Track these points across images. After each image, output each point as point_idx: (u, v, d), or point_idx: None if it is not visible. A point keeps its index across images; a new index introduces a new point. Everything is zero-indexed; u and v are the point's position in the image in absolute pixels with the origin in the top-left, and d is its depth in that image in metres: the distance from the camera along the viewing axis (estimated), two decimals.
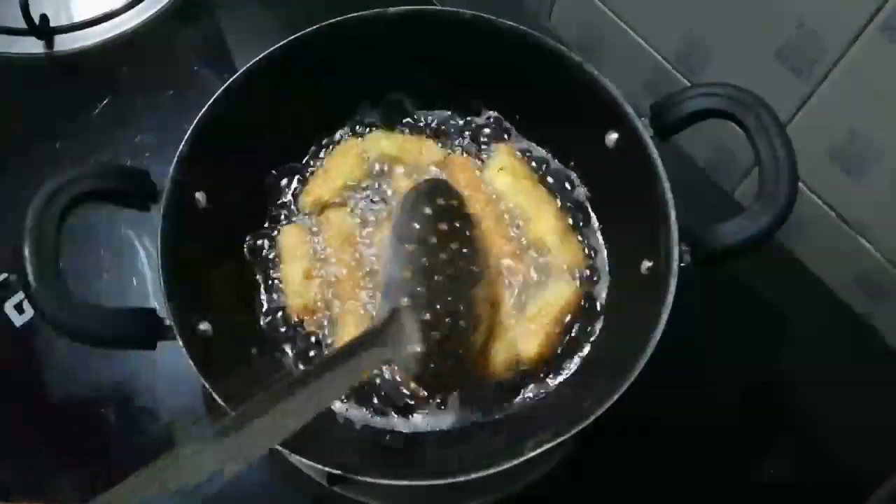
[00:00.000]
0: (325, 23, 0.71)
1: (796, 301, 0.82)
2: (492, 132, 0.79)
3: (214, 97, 0.67)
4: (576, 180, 0.77)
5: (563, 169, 0.77)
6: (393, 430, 0.67)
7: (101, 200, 0.63)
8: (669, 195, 0.62)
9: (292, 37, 0.70)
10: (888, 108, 0.69)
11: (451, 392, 0.66)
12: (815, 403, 0.77)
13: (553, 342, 0.69)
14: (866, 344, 0.80)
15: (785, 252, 0.84)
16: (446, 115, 0.80)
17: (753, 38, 0.75)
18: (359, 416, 0.68)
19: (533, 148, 0.79)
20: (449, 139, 0.79)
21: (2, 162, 0.88)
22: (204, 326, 0.63)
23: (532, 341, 0.68)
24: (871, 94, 0.69)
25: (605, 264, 0.73)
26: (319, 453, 0.56)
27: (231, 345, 0.67)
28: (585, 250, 0.73)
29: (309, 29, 0.71)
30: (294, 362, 0.70)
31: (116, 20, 0.97)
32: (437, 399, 0.66)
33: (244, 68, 0.69)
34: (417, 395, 0.66)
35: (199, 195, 0.67)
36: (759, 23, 0.74)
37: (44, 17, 0.93)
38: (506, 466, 0.54)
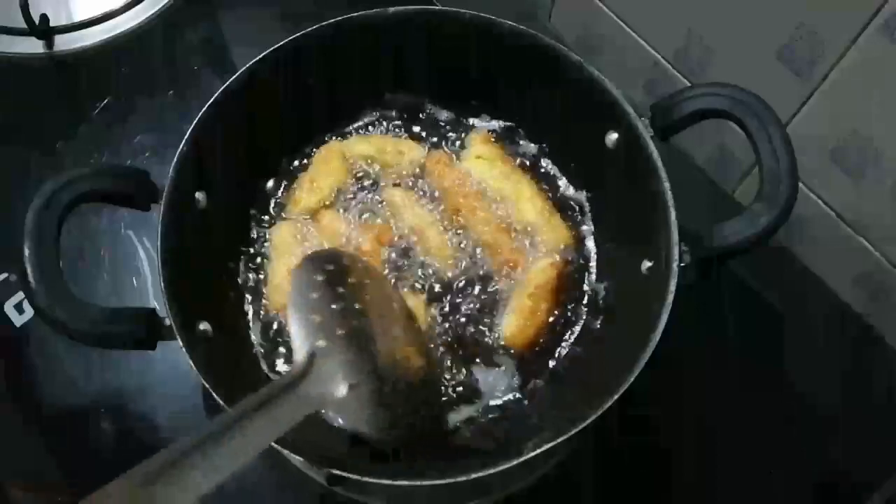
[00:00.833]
0: (325, 23, 0.71)
1: (796, 301, 0.82)
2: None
3: (214, 97, 0.67)
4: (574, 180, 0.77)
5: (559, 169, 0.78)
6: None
7: (101, 200, 0.63)
8: (669, 195, 0.62)
9: (292, 37, 0.71)
10: (888, 109, 0.69)
11: (412, 449, 0.59)
12: (815, 403, 0.77)
13: (537, 321, 0.70)
14: (866, 344, 0.80)
15: (785, 252, 0.84)
16: (445, 116, 0.81)
17: (753, 38, 0.75)
18: None
19: (531, 147, 0.79)
20: (431, 136, 0.80)
21: (2, 162, 0.88)
22: (204, 326, 0.63)
23: (513, 320, 0.69)
24: (871, 94, 0.69)
25: (595, 258, 0.74)
26: (319, 453, 0.56)
27: (231, 345, 0.67)
28: (572, 231, 0.75)
29: (309, 29, 0.71)
30: (288, 360, 0.70)
31: (116, 20, 0.96)
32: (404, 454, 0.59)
33: (244, 68, 0.69)
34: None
35: (199, 195, 0.67)
36: (759, 23, 0.74)
37: (44, 17, 0.93)
38: (506, 466, 0.54)
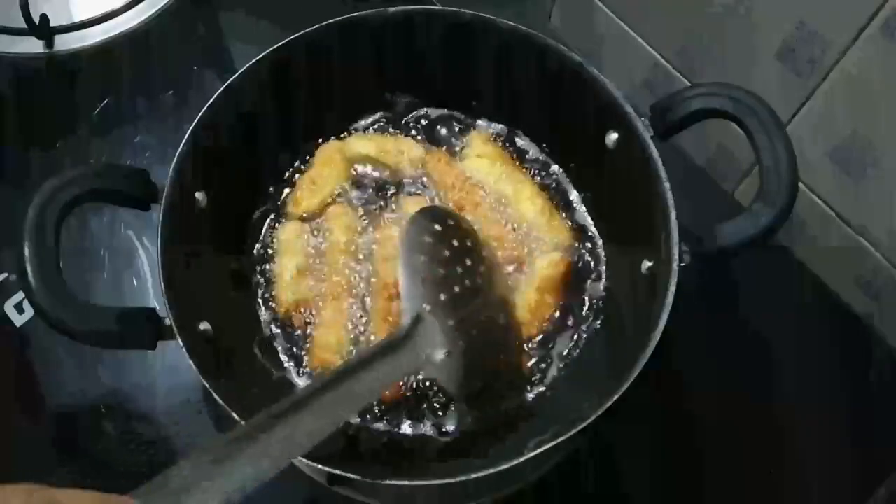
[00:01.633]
0: (325, 23, 0.71)
1: (796, 301, 0.82)
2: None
3: (214, 97, 0.67)
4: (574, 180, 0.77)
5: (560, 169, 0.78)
6: (393, 431, 0.67)
7: (101, 200, 0.63)
8: (669, 195, 0.62)
9: (292, 37, 0.70)
10: (888, 108, 0.69)
11: (484, 403, 0.65)
12: (815, 403, 0.77)
13: (541, 315, 0.70)
14: (866, 344, 0.80)
15: (785, 252, 0.84)
16: (446, 116, 0.81)
17: (753, 38, 0.75)
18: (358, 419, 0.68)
19: (531, 147, 0.79)
20: (432, 136, 0.80)
21: (2, 162, 0.88)
22: (204, 326, 0.63)
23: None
24: (871, 94, 0.69)
25: (595, 258, 0.74)
26: (319, 453, 0.56)
27: (231, 345, 0.67)
28: (573, 231, 0.75)
29: (309, 29, 0.71)
30: (288, 360, 0.70)
31: (116, 20, 0.96)
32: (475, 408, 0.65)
33: (244, 68, 0.69)
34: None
35: (199, 195, 0.67)
36: (759, 23, 0.74)
37: (44, 17, 0.93)
38: (506, 466, 0.54)
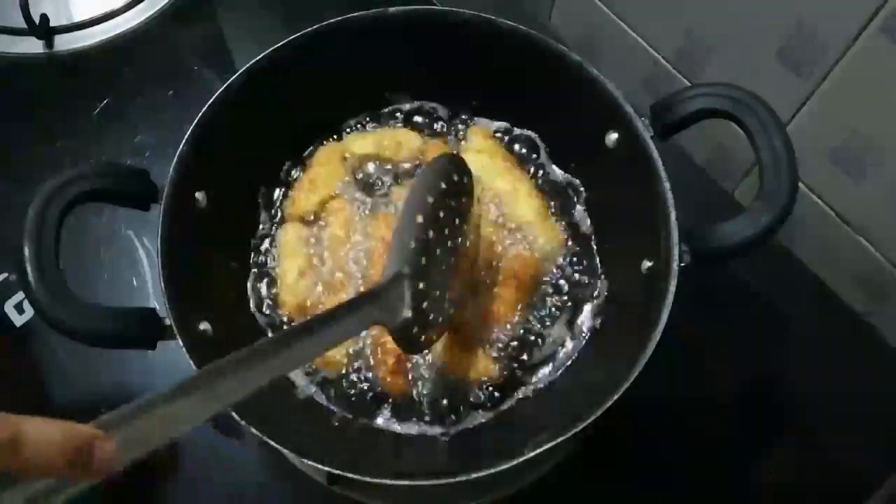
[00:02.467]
0: (325, 23, 0.71)
1: (796, 301, 0.82)
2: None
3: (214, 97, 0.67)
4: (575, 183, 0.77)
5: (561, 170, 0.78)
6: (393, 431, 0.67)
7: (101, 200, 0.63)
8: (669, 195, 0.62)
9: (292, 37, 0.71)
10: (888, 108, 0.69)
11: (420, 352, 0.67)
12: (815, 403, 0.77)
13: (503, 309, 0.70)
14: (866, 344, 0.80)
15: (785, 252, 0.84)
16: (445, 115, 0.81)
17: (753, 38, 0.75)
18: (358, 418, 0.68)
19: (531, 146, 0.79)
20: (431, 134, 0.80)
21: (2, 162, 0.88)
22: (204, 326, 0.63)
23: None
24: (871, 94, 0.69)
25: (595, 258, 0.74)
26: (319, 453, 0.56)
27: (231, 345, 0.66)
28: (567, 236, 0.75)
29: (309, 29, 0.71)
30: None
31: (116, 20, 0.97)
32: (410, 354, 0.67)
33: (244, 68, 0.69)
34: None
35: (199, 195, 0.67)
36: (759, 23, 0.74)
37: (44, 17, 0.93)
38: (506, 466, 0.54)
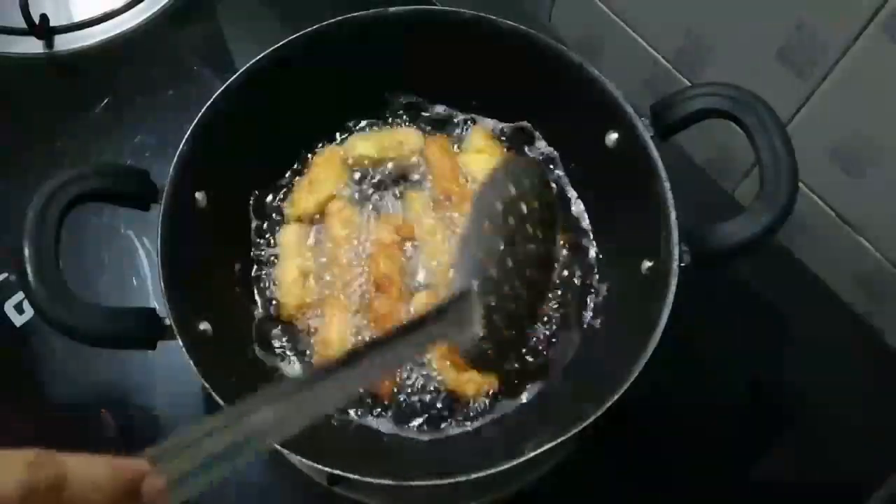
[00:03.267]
0: (325, 23, 0.71)
1: (796, 301, 0.82)
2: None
3: (214, 97, 0.67)
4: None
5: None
6: (393, 432, 0.67)
7: (101, 200, 0.63)
8: (669, 195, 0.62)
9: (292, 37, 0.71)
10: (888, 108, 0.69)
11: (491, 368, 0.66)
12: (815, 403, 0.77)
13: None
14: (866, 344, 0.80)
15: (785, 252, 0.84)
16: (445, 116, 0.81)
17: (753, 38, 0.75)
18: (358, 418, 0.68)
19: (531, 146, 0.79)
20: (432, 134, 0.80)
21: (2, 162, 0.88)
22: (204, 326, 0.63)
23: None
24: (871, 94, 0.69)
25: (595, 258, 0.74)
26: (319, 453, 0.56)
27: (231, 345, 0.67)
28: (567, 238, 0.75)
29: (309, 29, 0.71)
30: (288, 360, 0.70)
31: (116, 20, 0.96)
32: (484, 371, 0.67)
33: (244, 68, 0.69)
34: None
35: (199, 195, 0.67)
36: (759, 23, 0.74)
37: (44, 17, 0.93)
38: (506, 466, 0.54)
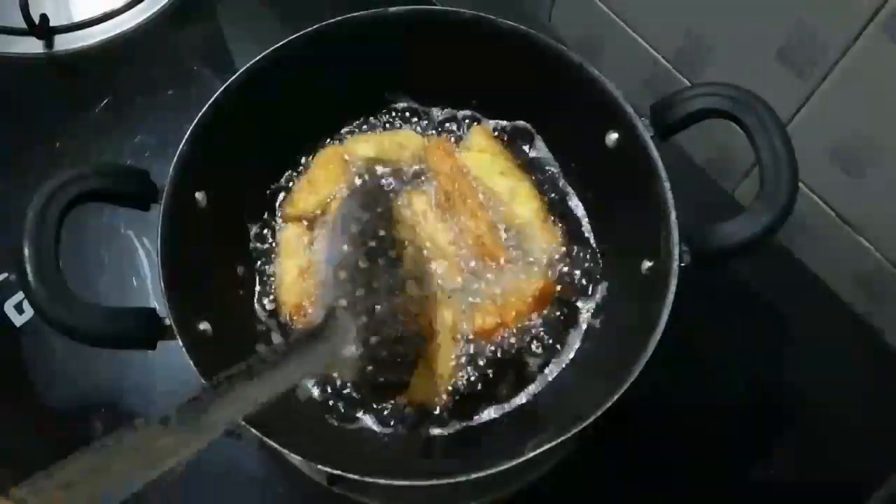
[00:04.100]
0: (325, 23, 0.71)
1: (796, 301, 0.82)
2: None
3: (214, 97, 0.67)
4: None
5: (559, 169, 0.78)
6: (393, 432, 0.67)
7: (101, 200, 0.63)
8: (669, 195, 0.62)
9: (292, 37, 0.70)
10: (888, 108, 0.69)
11: (391, 399, 0.65)
12: (816, 403, 0.77)
13: (506, 320, 0.70)
14: (866, 344, 0.80)
15: (785, 252, 0.84)
16: (445, 115, 0.81)
17: (753, 38, 0.75)
18: (358, 419, 0.68)
19: (531, 147, 0.79)
20: (432, 134, 0.80)
21: (2, 162, 0.88)
22: (204, 326, 0.63)
23: (487, 318, 0.69)
24: (871, 94, 0.69)
25: (603, 259, 0.74)
26: (319, 453, 0.56)
27: (231, 345, 0.67)
28: (567, 237, 0.74)
29: (309, 29, 0.71)
30: None
31: (116, 20, 0.97)
32: (379, 404, 0.66)
33: (244, 68, 0.69)
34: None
35: (199, 195, 0.67)
36: (759, 23, 0.74)
37: (44, 17, 0.93)
38: (506, 466, 0.54)
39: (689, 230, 0.61)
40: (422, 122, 0.80)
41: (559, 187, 0.77)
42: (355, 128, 0.80)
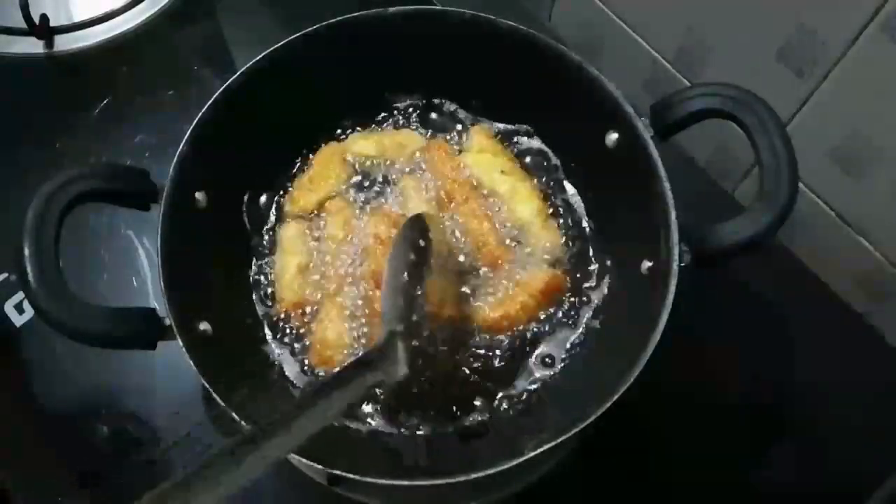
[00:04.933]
0: (325, 23, 0.71)
1: (796, 301, 0.82)
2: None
3: (214, 97, 0.67)
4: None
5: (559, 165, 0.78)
6: (392, 432, 0.67)
7: (101, 200, 0.63)
8: (669, 195, 0.62)
9: (292, 37, 0.71)
10: (888, 108, 0.69)
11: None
12: (816, 403, 0.77)
13: (515, 319, 0.70)
14: (866, 344, 0.80)
15: (785, 252, 0.84)
16: (446, 115, 0.81)
17: (753, 38, 0.75)
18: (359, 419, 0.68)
19: (531, 147, 0.79)
20: (432, 134, 0.80)
21: (2, 162, 0.88)
22: (204, 326, 0.63)
23: (496, 310, 0.69)
24: (871, 94, 0.69)
25: (595, 258, 0.74)
26: (319, 453, 0.56)
27: (231, 344, 0.67)
28: (567, 237, 0.74)
29: (309, 29, 0.71)
30: (287, 361, 0.70)
31: (116, 20, 0.97)
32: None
33: (244, 68, 0.69)
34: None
35: (199, 195, 0.67)
36: (759, 23, 0.74)
37: (44, 17, 0.93)
38: (506, 466, 0.54)
39: (689, 230, 0.61)
40: (422, 122, 0.80)
41: (559, 187, 0.78)
42: (355, 128, 0.80)
